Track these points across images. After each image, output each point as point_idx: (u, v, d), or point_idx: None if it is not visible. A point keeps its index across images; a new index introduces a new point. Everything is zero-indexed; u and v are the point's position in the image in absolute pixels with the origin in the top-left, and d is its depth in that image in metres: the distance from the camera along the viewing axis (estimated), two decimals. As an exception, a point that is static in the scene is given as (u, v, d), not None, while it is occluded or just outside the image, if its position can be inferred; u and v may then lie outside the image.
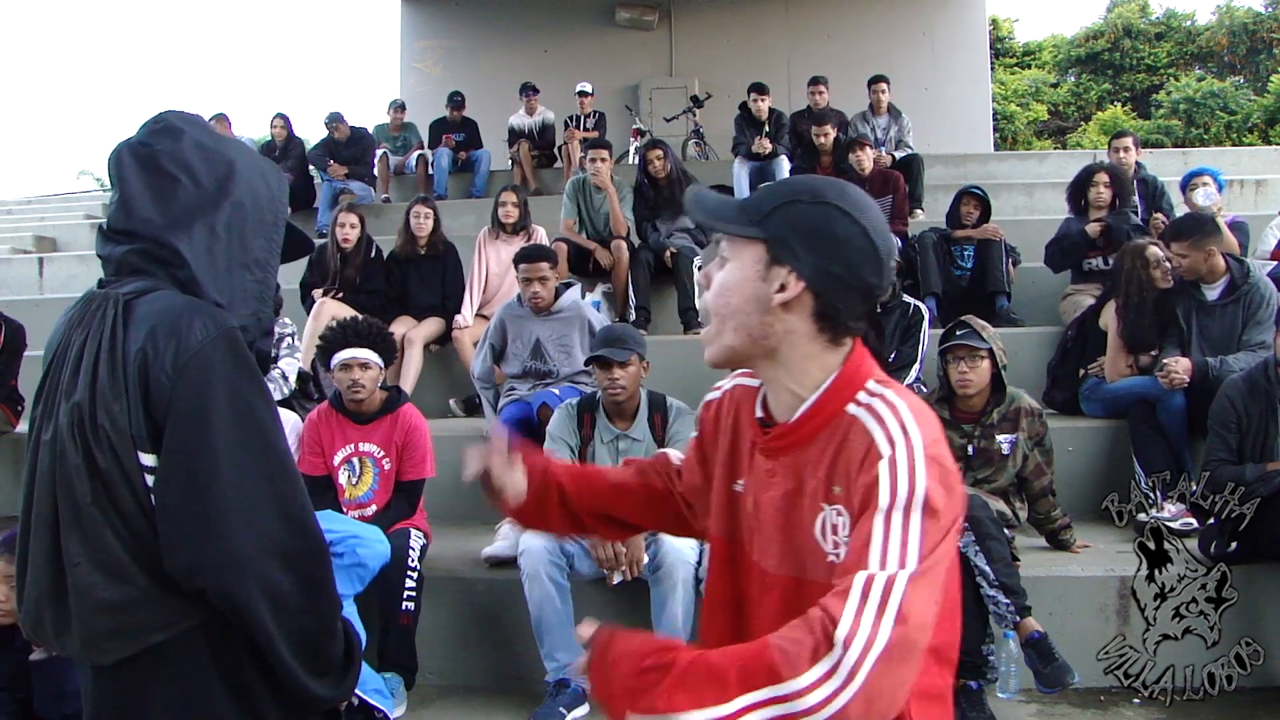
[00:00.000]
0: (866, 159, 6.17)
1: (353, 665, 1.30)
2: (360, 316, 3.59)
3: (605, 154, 6.12)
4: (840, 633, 0.93)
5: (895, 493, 1.00)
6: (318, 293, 5.16)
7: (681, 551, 3.02)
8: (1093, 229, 5.11)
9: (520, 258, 4.16)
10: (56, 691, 2.65)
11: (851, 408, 1.09)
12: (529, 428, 3.91)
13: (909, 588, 0.96)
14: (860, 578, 0.97)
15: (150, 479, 1.18)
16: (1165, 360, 3.93)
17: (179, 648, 1.20)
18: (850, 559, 1.02)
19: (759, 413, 1.21)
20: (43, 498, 1.21)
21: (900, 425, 1.05)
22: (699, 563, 3.05)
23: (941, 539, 1.00)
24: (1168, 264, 4.19)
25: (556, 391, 3.93)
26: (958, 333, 3.42)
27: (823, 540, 1.10)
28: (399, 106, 9.16)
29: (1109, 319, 4.30)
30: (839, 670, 0.92)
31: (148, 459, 1.18)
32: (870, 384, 1.11)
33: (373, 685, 2.83)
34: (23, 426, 4.80)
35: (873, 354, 1.16)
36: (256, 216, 1.29)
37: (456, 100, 9.02)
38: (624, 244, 5.74)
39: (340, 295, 5.11)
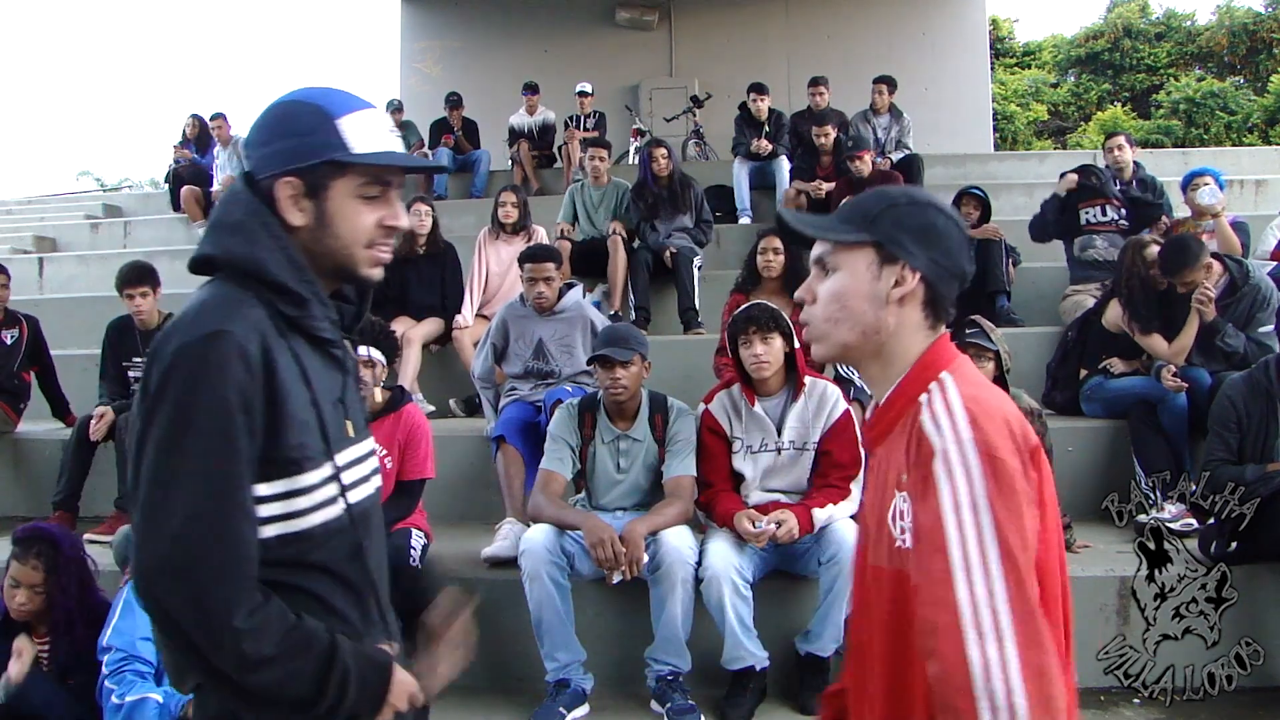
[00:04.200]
0: (865, 166, 6.15)
1: (320, 705, 1.16)
2: (361, 314, 3.58)
3: (604, 153, 6.14)
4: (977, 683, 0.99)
5: (956, 493, 1.05)
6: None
7: (681, 551, 3.02)
8: (1062, 185, 5.33)
9: (526, 257, 4.17)
10: (58, 709, 2.67)
11: (922, 396, 1.15)
12: (530, 428, 3.91)
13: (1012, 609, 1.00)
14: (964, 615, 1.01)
15: None
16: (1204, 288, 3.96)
17: (211, 688, 1.20)
18: (928, 566, 1.06)
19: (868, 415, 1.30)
20: None
21: (949, 417, 1.10)
22: (698, 563, 3.05)
23: (1013, 527, 1.03)
24: None
25: (569, 389, 3.94)
26: (967, 331, 3.42)
27: (892, 526, 1.15)
28: (396, 108, 9.16)
29: (1115, 314, 4.30)
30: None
31: None
32: (943, 374, 1.16)
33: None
34: (23, 426, 4.80)
35: None
36: None
37: (453, 100, 9.01)
38: (620, 240, 5.75)
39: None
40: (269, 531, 1.16)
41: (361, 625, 1.26)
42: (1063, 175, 5.56)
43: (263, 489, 1.15)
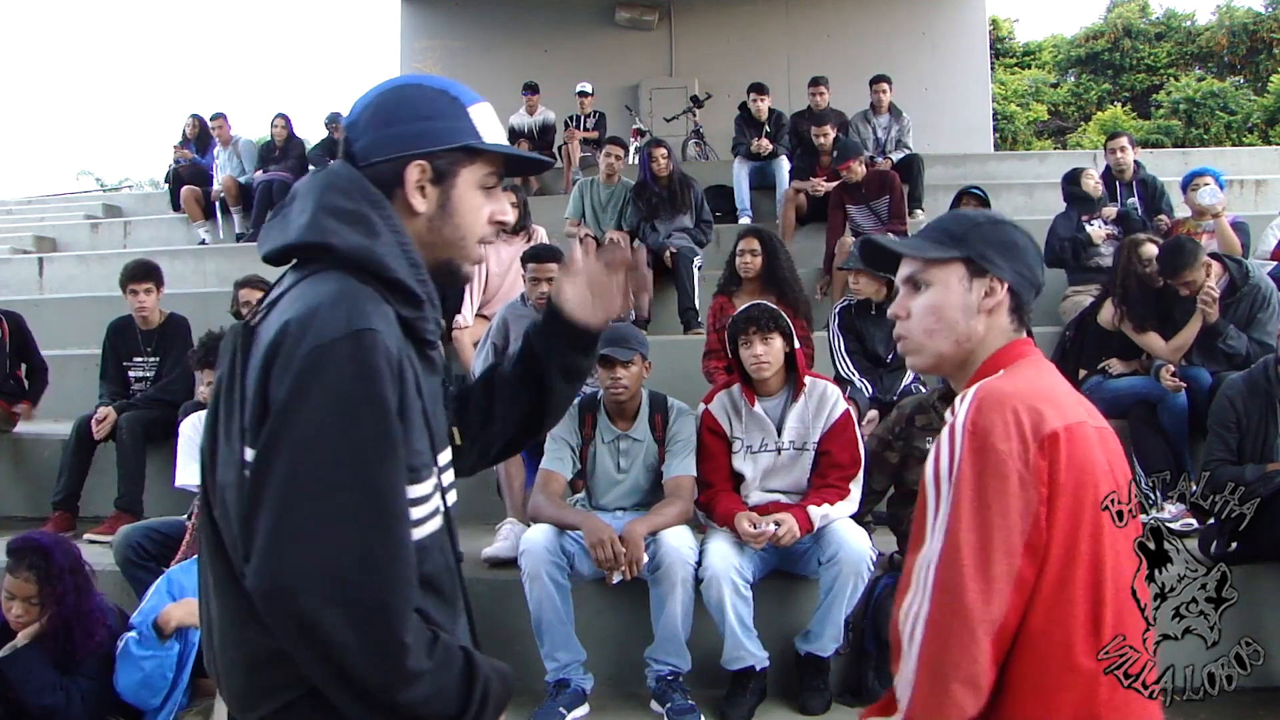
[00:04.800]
0: (855, 174, 6.12)
1: (472, 694, 1.11)
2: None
3: (621, 150, 6.16)
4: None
5: (938, 464, 1.20)
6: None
7: (681, 552, 3.02)
8: (1097, 235, 5.16)
9: (529, 257, 4.17)
10: (36, 684, 2.68)
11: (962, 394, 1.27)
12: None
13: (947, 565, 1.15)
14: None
15: None
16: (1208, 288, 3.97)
17: (306, 704, 1.10)
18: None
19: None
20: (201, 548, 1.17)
21: (962, 403, 1.22)
22: (698, 563, 3.05)
23: (977, 505, 1.15)
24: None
25: None
26: None
27: None
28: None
29: (1111, 313, 4.31)
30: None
31: (250, 455, 1.06)
32: (1002, 370, 1.27)
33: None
34: (23, 426, 4.80)
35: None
36: None
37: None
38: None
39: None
40: None
41: (450, 634, 1.18)
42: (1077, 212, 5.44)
43: None
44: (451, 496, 1.25)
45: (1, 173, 50.85)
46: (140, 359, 4.59)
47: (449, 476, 1.24)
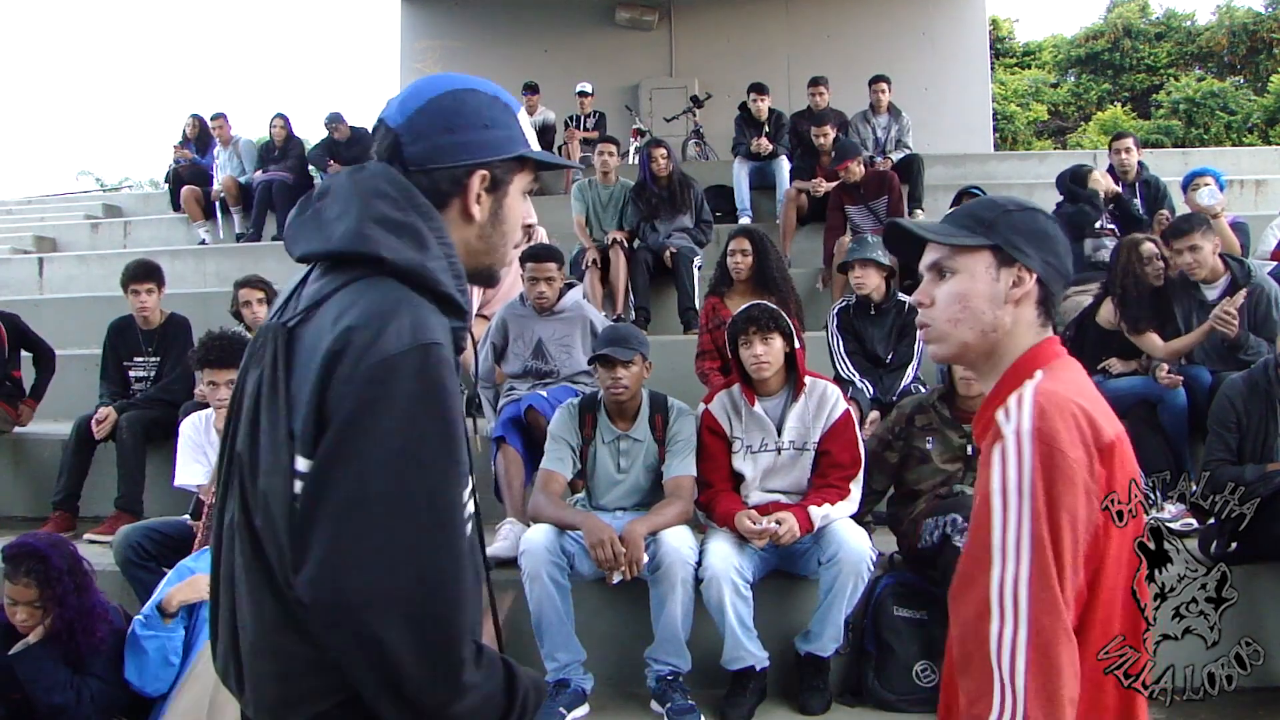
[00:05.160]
0: (853, 175, 6.12)
1: (514, 704, 1.12)
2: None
3: (613, 148, 6.17)
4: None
5: (1005, 478, 1.12)
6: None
7: (681, 551, 3.03)
8: (1096, 181, 5.27)
9: (528, 257, 4.17)
10: (46, 682, 2.69)
11: (1013, 395, 1.20)
12: (526, 428, 3.91)
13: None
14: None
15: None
16: (1225, 309, 3.96)
17: (340, 712, 1.09)
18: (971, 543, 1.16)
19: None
20: (228, 551, 1.12)
21: (1019, 408, 1.15)
22: (698, 563, 3.05)
23: (1050, 515, 1.09)
24: (1160, 262, 4.22)
25: (544, 394, 3.93)
26: None
27: None
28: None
29: (1109, 312, 4.31)
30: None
31: (303, 464, 1.04)
32: (1038, 371, 1.21)
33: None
34: (17, 426, 4.79)
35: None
36: None
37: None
38: (620, 248, 5.76)
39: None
40: None
41: None
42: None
43: None
44: (470, 508, 1.22)
45: (1, 173, 50.85)
46: (141, 359, 4.59)
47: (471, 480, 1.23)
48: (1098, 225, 5.28)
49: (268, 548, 1.06)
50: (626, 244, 5.85)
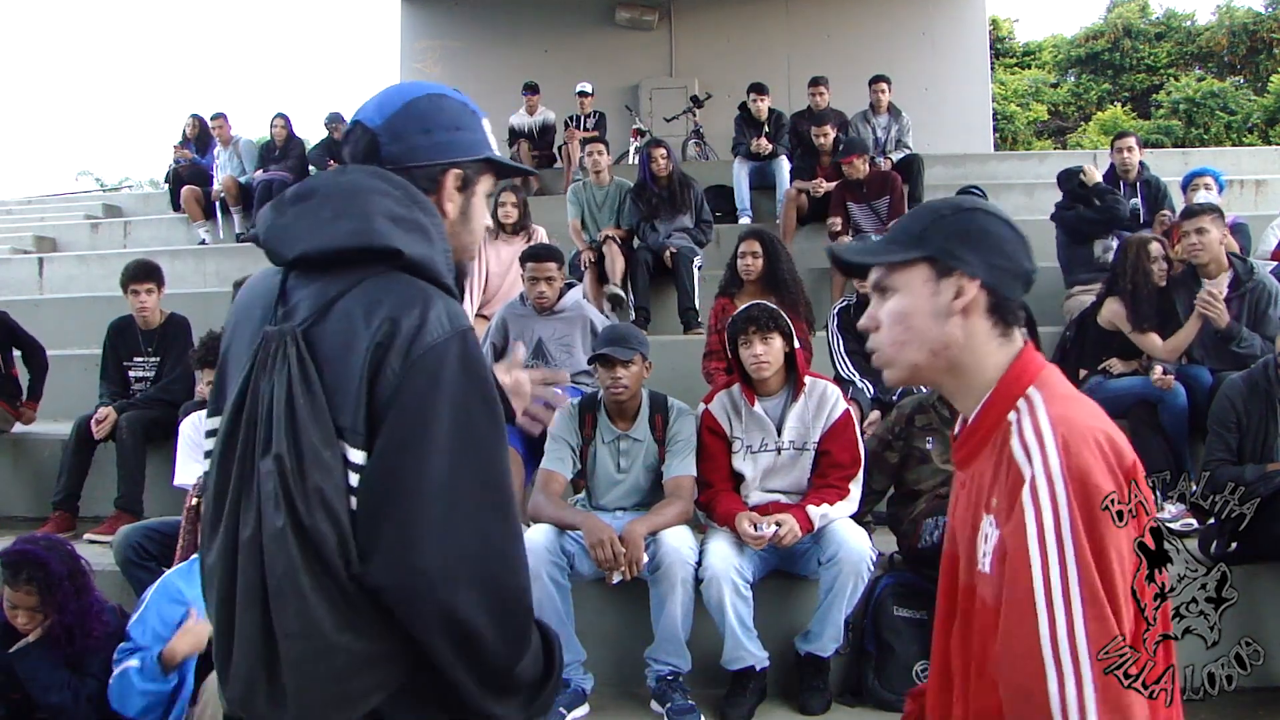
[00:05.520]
0: (857, 171, 6.13)
1: (550, 680, 1.20)
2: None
3: (602, 147, 6.17)
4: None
5: (1041, 523, 1.03)
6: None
7: (680, 552, 3.02)
8: (1090, 174, 5.29)
9: (528, 257, 4.16)
10: (45, 682, 2.69)
11: (1011, 414, 1.13)
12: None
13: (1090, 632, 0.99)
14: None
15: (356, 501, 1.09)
16: (1210, 295, 4.00)
17: (389, 706, 1.11)
18: (1013, 593, 1.04)
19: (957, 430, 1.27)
20: (249, 566, 1.08)
21: (1039, 443, 1.06)
22: (698, 563, 3.05)
23: (1100, 559, 1.01)
24: (1165, 262, 4.23)
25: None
26: None
27: (976, 548, 1.15)
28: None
29: (1113, 314, 4.31)
30: None
31: (357, 456, 1.08)
32: (1030, 389, 1.14)
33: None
34: (22, 425, 4.79)
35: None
36: None
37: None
38: (615, 246, 5.75)
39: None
40: None
41: None
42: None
43: None
44: None
45: (1, 173, 50.84)
46: (140, 359, 4.59)
47: None
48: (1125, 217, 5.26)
49: (325, 546, 1.06)
50: (620, 241, 5.84)
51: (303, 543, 1.06)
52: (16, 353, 4.74)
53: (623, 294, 5.65)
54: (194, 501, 3.10)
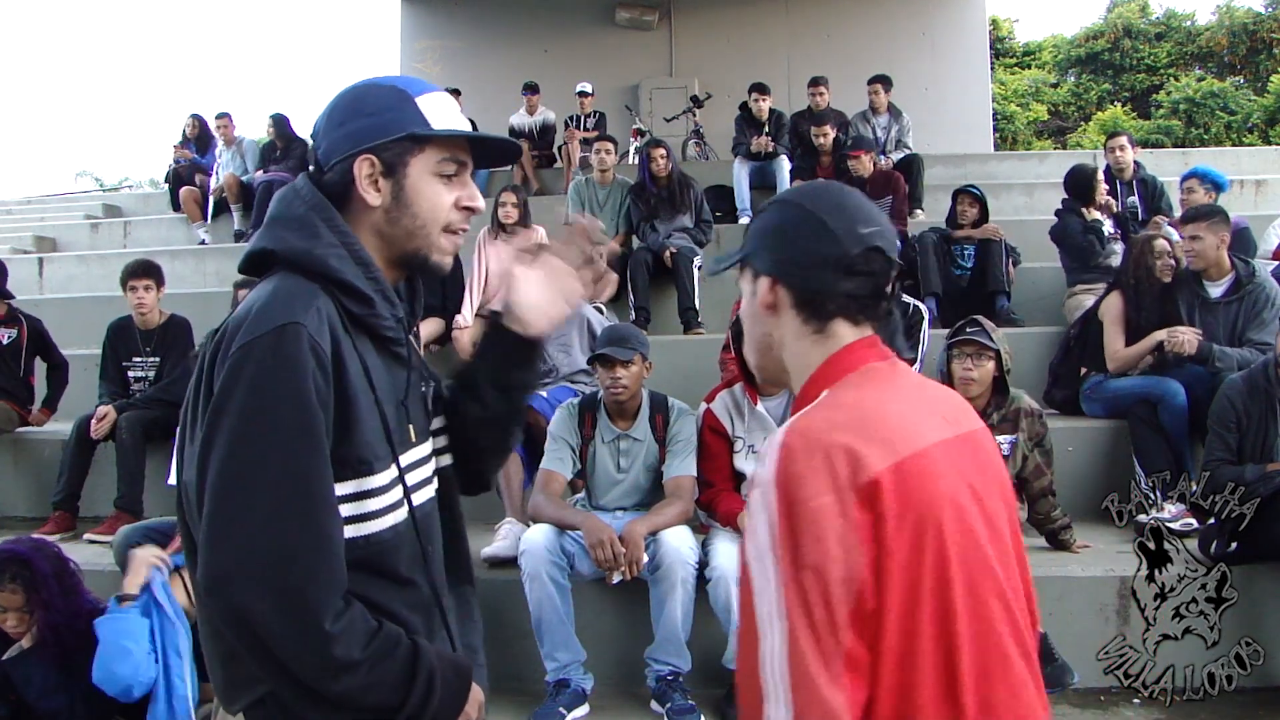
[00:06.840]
0: (862, 167, 6.13)
1: (405, 707, 1.12)
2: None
3: (610, 146, 6.16)
4: None
5: (756, 536, 0.96)
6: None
7: (680, 552, 3.02)
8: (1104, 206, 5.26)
9: (528, 256, 4.15)
10: (40, 686, 2.68)
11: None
12: (528, 428, 3.91)
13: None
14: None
15: None
16: (1174, 330, 3.99)
17: (280, 694, 1.12)
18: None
19: None
20: None
21: (770, 448, 0.99)
22: (699, 563, 3.05)
23: (795, 576, 0.93)
24: (1171, 260, 4.24)
25: (544, 394, 3.93)
26: (968, 329, 3.43)
27: None
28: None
29: (1107, 306, 4.32)
30: None
31: None
32: (825, 391, 1.06)
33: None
34: (23, 426, 4.79)
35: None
36: None
37: (451, 94, 9.00)
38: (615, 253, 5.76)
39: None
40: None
41: (426, 634, 1.20)
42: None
43: (336, 489, 1.10)
44: (425, 495, 1.25)
45: (1, 173, 50.82)
46: (139, 359, 4.59)
47: (420, 474, 1.25)
48: (1104, 248, 5.22)
49: (196, 538, 1.10)
50: (621, 245, 5.84)
51: (186, 534, 1.14)
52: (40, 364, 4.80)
53: (603, 308, 5.63)
54: None
